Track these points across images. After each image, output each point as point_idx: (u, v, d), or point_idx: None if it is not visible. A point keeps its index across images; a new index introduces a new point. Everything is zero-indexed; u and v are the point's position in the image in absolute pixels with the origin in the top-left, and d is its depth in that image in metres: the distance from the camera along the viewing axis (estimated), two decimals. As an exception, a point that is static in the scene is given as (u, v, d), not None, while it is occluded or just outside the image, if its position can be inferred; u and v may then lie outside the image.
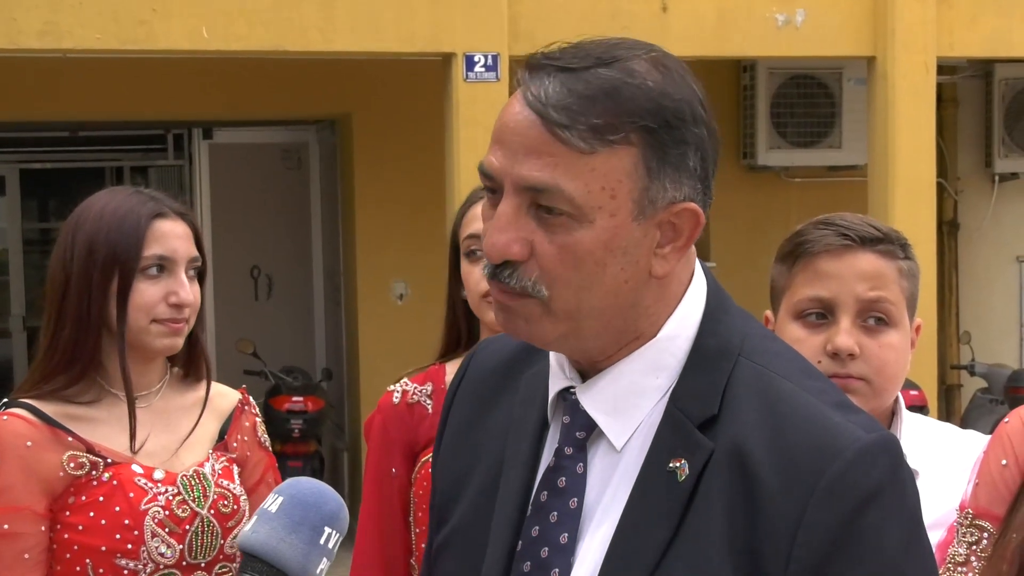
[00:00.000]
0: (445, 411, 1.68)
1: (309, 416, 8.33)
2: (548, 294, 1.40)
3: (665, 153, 1.39)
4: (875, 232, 2.15)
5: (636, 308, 1.44)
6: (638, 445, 1.44)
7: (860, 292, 2.12)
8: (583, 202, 1.38)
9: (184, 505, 2.44)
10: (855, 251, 2.13)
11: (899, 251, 2.16)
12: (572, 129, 1.37)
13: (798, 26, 7.03)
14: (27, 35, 6.06)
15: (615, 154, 1.38)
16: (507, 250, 1.40)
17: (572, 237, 1.39)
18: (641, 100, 1.38)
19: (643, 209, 1.40)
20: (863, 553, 1.34)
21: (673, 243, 1.43)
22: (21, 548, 2.37)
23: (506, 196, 1.41)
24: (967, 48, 7.41)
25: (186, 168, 9.80)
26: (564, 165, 1.37)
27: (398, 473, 2.69)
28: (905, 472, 1.40)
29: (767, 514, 1.35)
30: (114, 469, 2.42)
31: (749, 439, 1.38)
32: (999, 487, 1.95)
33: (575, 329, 1.43)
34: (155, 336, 2.46)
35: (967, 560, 1.95)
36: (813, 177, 8.93)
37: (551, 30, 6.52)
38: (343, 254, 9.25)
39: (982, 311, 9.37)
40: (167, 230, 2.48)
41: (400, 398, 2.72)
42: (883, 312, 2.13)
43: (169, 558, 2.41)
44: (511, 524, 1.49)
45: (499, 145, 1.42)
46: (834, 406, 1.42)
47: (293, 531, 1.43)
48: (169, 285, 2.46)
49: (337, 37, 6.45)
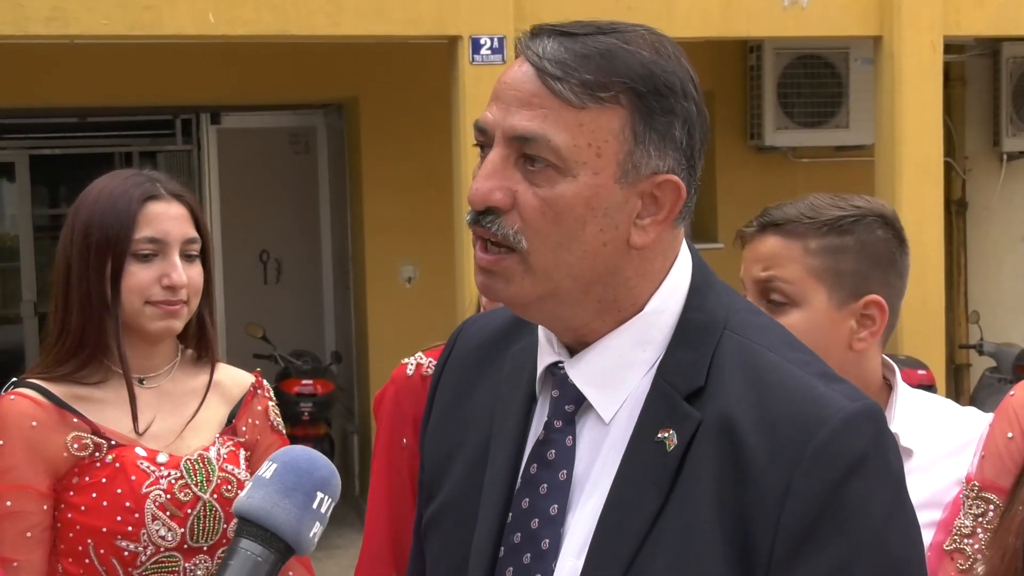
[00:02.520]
0: (432, 388, 1.70)
1: (319, 399, 8.37)
2: (527, 247, 1.43)
3: (652, 119, 1.43)
4: (790, 213, 2.16)
5: (616, 277, 1.46)
6: (626, 417, 1.46)
7: (754, 273, 2.17)
8: (568, 155, 1.41)
9: (187, 489, 2.45)
10: (761, 235, 2.18)
11: (817, 229, 2.14)
12: (564, 81, 1.41)
13: (804, 6, 7.02)
14: (34, 21, 6.07)
15: (604, 112, 1.42)
16: (490, 196, 1.43)
17: (554, 190, 1.42)
18: (634, 64, 1.43)
19: (626, 172, 1.43)
20: (848, 519, 1.36)
21: (654, 216, 1.46)
22: (24, 526, 2.39)
23: (495, 145, 1.45)
24: (974, 26, 7.39)
25: (194, 153, 9.81)
26: (553, 117, 1.41)
27: (408, 444, 2.69)
28: (888, 439, 1.42)
29: (755, 482, 1.37)
30: (118, 451, 2.43)
31: (736, 410, 1.41)
32: (1005, 460, 1.96)
33: (553, 291, 1.45)
34: (149, 318, 2.47)
35: (973, 532, 1.97)
36: (820, 157, 8.93)
37: (557, 12, 6.51)
38: (351, 238, 9.26)
39: (991, 290, 9.36)
40: (160, 211, 2.48)
41: (414, 371, 2.72)
42: (776, 290, 2.15)
43: (170, 541, 2.42)
44: (500, 498, 1.51)
45: (495, 101, 1.46)
46: (818, 376, 1.44)
47: (287, 496, 1.46)
48: (162, 267, 2.47)
49: (343, 21, 6.46)
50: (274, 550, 1.45)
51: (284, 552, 1.46)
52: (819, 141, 8.80)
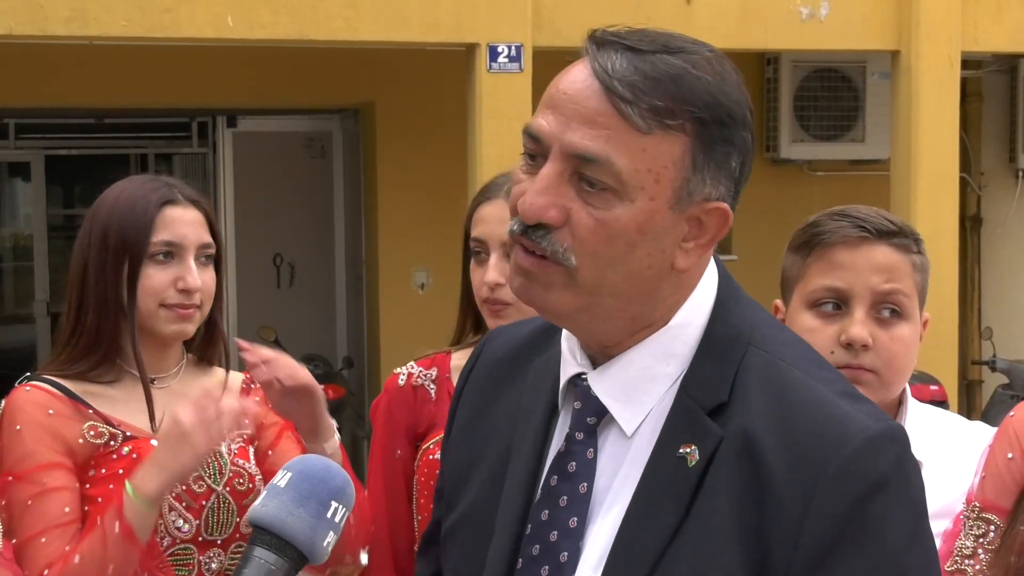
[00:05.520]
0: (456, 399, 1.69)
1: (330, 404, 8.24)
2: (576, 264, 1.41)
3: (712, 149, 1.41)
4: (890, 225, 2.16)
5: (653, 297, 1.45)
6: (648, 431, 1.45)
7: (875, 284, 2.13)
8: (628, 179, 1.39)
9: (200, 481, 2.48)
10: (871, 243, 2.15)
11: (913, 245, 2.18)
12: (635, 105, 1.38)
13: (822, 19, 7.02)
14: (54, 22, 6.09)
15: (667, 139, 1.39)
16: (544, 213, 1.41)
17: (611, 213, 1.40)
18: (701, 92, 1.40)
19: (680, 199, 1.41)
20: (867, 542, 1.35)
21: (697, 239, 1.45)
22: (61, 503, 2.39)
23: (551, 159, 1.41)
24: (992, 42, 7.38)
25: (210, 156, 9.83)
26: (617, 139, 1.38)
27: (402, 455, 2.69)
28: (911, 462, 1.41)
29: (775, 500, 1.36)
30: (134, 443, 2.46)
31: (758, 426, 1.39)
32: (1006, 480, 1.96)
33: (591, 306, 1.44)
34: (164, 321, 2.51)
35: (974, 553, 1.96)
36: (836, 170, 8.92)
37: (575, 21, 6.53)
38: (365, 243, 9.27)
39: (1004, 307, 9.33)
40: (177, 216, 2.52)
41: (405, 380, 2.72)
42: (897, 304, 2.14)
43: (186, 532, 2.45)
44: (518, 510, 1.50)
45: (552, 109, 1.42)
46: (842, 395, 1.43)
47: (301, 504, 1.45)
48: (178, 271, 2.50)
49: (361, 26, 6.47)
50: (288, 559, 1.44)
51: (297, 561, 1.45)
52: (835, 155, 8.79)
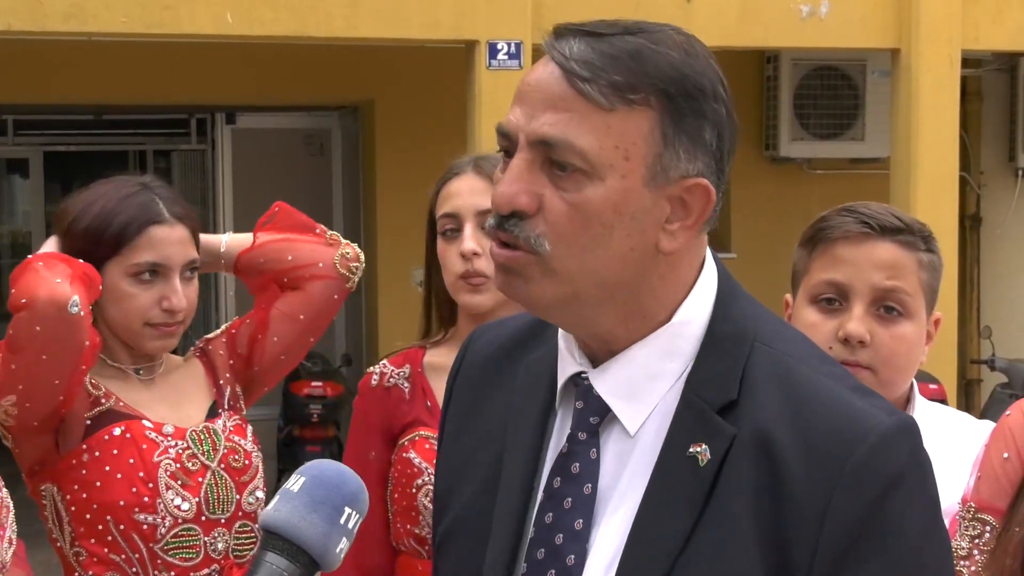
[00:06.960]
0: (446, 400, 1.67)
1: (328, 401, 8.36)
2: (550, 250, 1.38)
3: (682, 121, 1.39)
4: (897, 222, 2.15)
5: (642, 284, 1.42)
6: (653, 430, 1.43)
7: (876, 280, 2.12)
8: (595, 158, 1.37)
9: (194, 459, 2.50)
10: (874, 239, 2.13)
11: (921, 243, 2.15)
12: (593, 83, 1.36)
13: (822, 17, 7.01)
14: (52, 18, 6.08)
15: (632, 114, 1.37)
16: (515, 200, 1.39)
17: (582, 194, 1.37)
18: (663, 65, 1.38)
19: (655, 176, 1.39)
20: (887, 537, 1.35)
21: (683, 221, 1.42)
22: None
23: (519, 150, 1.40)
24: (992, 41, 7.37)
25: (208, 153, 9.82)
26: (579, 119, 1.37)
27: (376, 457, 2.61)
28: (924, 454, 1.40)
29: (794, 500, 1.35)
30: (126, 424, 2.48)
31: (772, 425, 1.37)
32: (1001, 481, 1.95)
33: (574, 295, 1.41)
34: (147, 339, 2.54)
35: (969, 554, 1.96)
36: (835, 169, 8.92)
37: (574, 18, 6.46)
38: (364, 240, 9.26)
39: (1003, 306, 9.33)
40: (163, 236, 2.52)
41: (378, 381, 2.65)
42: (897, 302, 2.13)
43: (187, 511, 2.46)
44: (515, 512, 1.47)
45: (519, 103, 1.42)
46: (853, 390, 1.42)
47: (314, 510, 1.43)
48: (163, 290, 2.52)
49: (361, 23, 6.46)
50: (299, 564, 1.42)
51: (309, 567, 1.43)
52: (834, 153, 8.79)
